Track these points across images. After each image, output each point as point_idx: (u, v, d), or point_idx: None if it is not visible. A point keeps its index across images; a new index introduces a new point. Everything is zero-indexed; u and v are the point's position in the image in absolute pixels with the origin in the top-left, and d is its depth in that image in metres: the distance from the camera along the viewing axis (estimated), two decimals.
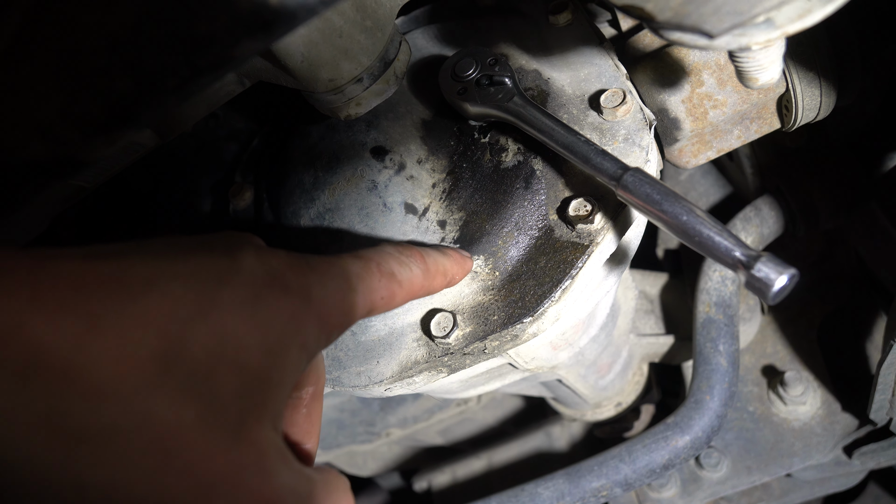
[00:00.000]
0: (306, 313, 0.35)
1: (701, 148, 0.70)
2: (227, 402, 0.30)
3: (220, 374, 0.30)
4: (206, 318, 0.30)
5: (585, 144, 0.53)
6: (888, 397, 0.80)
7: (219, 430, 0.29)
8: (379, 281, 0.42)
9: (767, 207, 0.90)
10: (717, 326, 0.86)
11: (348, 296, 0.39)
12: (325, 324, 0.37)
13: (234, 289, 0.32)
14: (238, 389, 0.30)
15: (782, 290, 0.43)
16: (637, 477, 0.83)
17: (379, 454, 1.27)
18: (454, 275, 0.51)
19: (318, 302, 0.36)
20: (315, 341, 0.36)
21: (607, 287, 0.64)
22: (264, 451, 0.31)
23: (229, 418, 0.30)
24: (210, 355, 0.30)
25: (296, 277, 0.36)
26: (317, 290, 0.37)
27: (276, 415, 0.33)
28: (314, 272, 0.37)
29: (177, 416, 0.28)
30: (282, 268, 0.36)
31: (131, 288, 0.29)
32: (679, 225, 0.47)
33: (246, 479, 0.30)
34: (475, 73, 0.60)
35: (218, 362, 0.30)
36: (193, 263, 0.32)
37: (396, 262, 0.44)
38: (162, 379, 0.28)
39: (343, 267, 0.40)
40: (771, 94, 0.66)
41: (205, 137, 0.91)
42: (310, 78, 0.53)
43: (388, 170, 0.62)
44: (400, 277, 0.43)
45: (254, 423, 0.31)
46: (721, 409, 0.83)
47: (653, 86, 0.66)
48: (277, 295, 0.34)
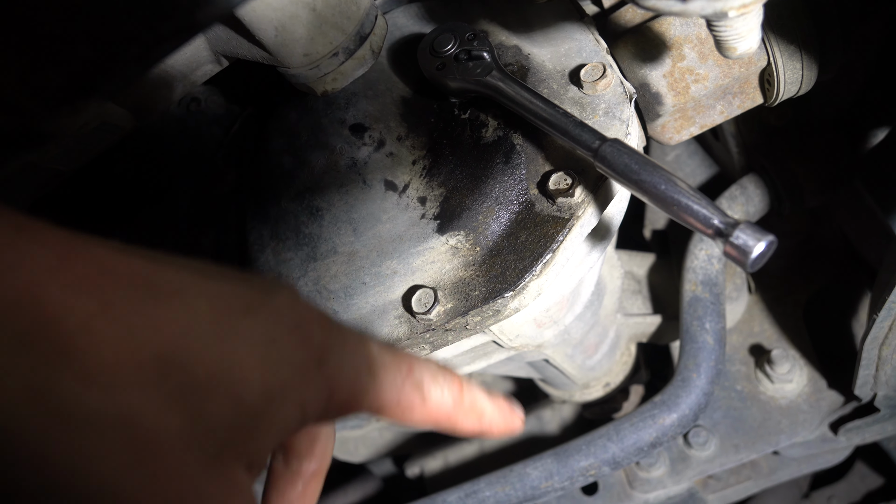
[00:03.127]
0: (315, 373, 0.34)
1: (684, 123, 0.69)
2: (213, 427, 0.29)
3: (215, 397, 0.30)
4: (219, 341, 0.30)
5: (564, 117, 0.52)
6: (872, 372, 0.80)
7: (196, 451, 0.29)
8: (402, 384, 0.39)
9: (753, 186, 0.89)
10: (703, 305, 0.86)
11: (363, 379, 0.37)
12: (328, 393, 0.35)
13: (256, 323, 0.32)
14: (227, 418, 0.30)
15: (761, 257, 0.43)
16: (625, 455, 0.83)
17: (370, 440, 1.27)
18: (493, 423, 0.45)
19: (332, 368, 0.35)
20: (314, 406, 0.35)
21: (590, 263, 0.63)
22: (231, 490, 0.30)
23: (210, 443, 0.29)
24: (211, 376, 0.29)
25: (320, 335, 0.34)
26: (335, 356, 0.35)
27: (255, 460, 0.32)
28: (341, 338, 0.36)
29: (161, 423, 0.28)
30: (310, 320, 0.34)
31: (156, 291, 0.29)
32: (658, 194, 0.47)
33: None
34: (454, 49, 0.59)
35: (216, 385, 0.30)
36: (226, 288, 0.32)
37: (430, 377, 0.41)
38: (156, 382, 0.28)
39: (372, 350, 0.38)
40: (753, 67, 0.66)
41: (187, 122, 0.90)
42: (285, 53, 0.53)
43: (367, 147, 0.61)
44: (426, 393, 0.40)
45: (230, 457, 0.30)
46: (708, 386, 0.83)
47: (634, 61, 0.65)
48: (295, 343, 0.33)
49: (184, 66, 0.61)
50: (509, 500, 0.85)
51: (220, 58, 0.62)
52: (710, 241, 0.90)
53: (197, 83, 0.64)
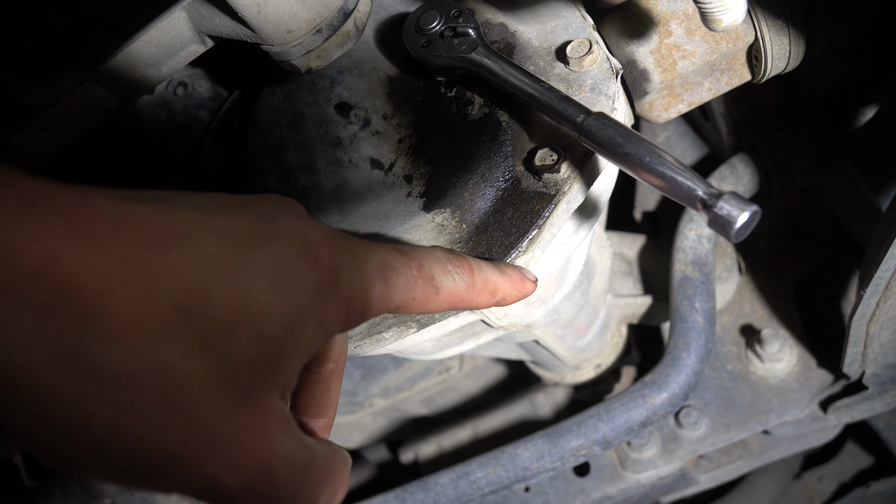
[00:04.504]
0: (330, 293, 0.35)
1: (671, 101, 0.69)
2: (240, 364, 0.30)
3: (238, 335, 0.30)
4: (233, 279, 0.31)
5: (549, 92, 0.52)
6: (860, 350, 0.81)
7: (227, 389, 0.30)
8: (416, 281, 0.41)
9: (742, 165, 0.90)
10: (693, 284, 0.86)
11: (377, 286, 0.38)
12: (346, 308, 0.36)
13: (266, 254, 0.33)
14: (252, 353, 0.31)
15: (745, 227, 0.43)
16: (616, 435, 0.84)
17: (363, 425, 1.27)
18: (505, 295, 0.48)
19: (345, 284, 0.36)
20: (334, 322, 0.36)
21: (578, 240, 0.63)
22: (267, 416, 0.32)
23: (239, 379, 0.30)
24: (230, 316, 0.30)
25: (329, 254, 0.36)
26: (346, 271, 0.36)
27: (286, 384, 0.34)
28: (349, 253, 0.37)
29: (189, 369, 0.29)
30: (317, 241, 0.36)
31: (165, 238, 0.29)
32: (643, 167, 0.47)
33: (245, 440, 0.30)
34: (439, 26, 0.59)
35: (237, 324, 0.30)
36: (232, 222, 0.33)
37: (440, 268, 0.43)
38: (180, 331, 0.29)
39: (380, 256, 0.39)
40: (740, 43, 0.65)
41: (174, 107, 0.89)
42: (267, 30, 0.52)
43: (352, 126, 0.61)
44: (439, 283, 0.42)
45: (262, 387, 0.32)
46: (698, 365, 0.84)
47: (621, 37, 0.65)
48: (306, 267, 0.34)
49: (168, 46, 0.60)
50: (501, 481, 0.86)
51: (205, 37, 0.61)
52: (699, 221, 0.90)
53: (182, 64, 0.64)
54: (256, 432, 0.31)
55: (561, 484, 0.99)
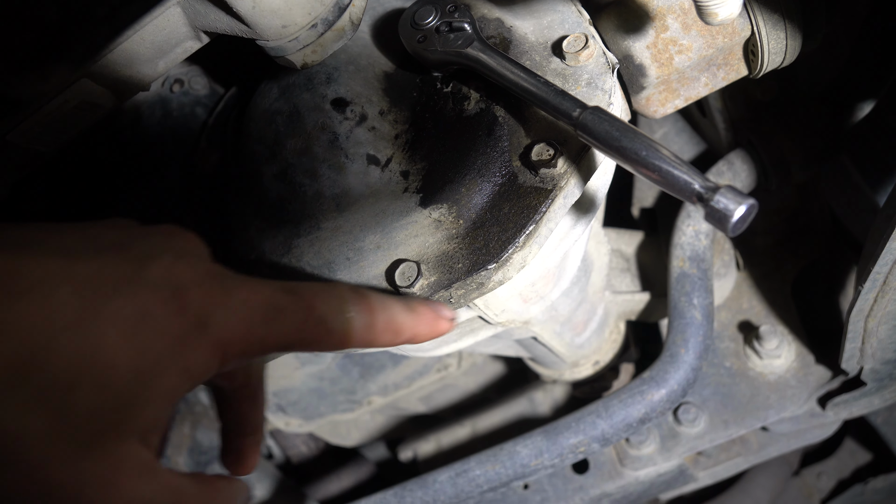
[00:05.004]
0: (197, 339, 0.34)
1: (668, 96, 0.69)
2: (82, 417, 0.30)
3: (80, 388, 0.30)
4: (82, 330, 0.30)
5: (545, 86, 0.52)
6: (858, 345, 0.81)
7: (67, 442, 0.30)
8: (304, 323, 0.39)
9: (740, 161, 0.89)
10: (691, 280, 0.86)
11: (258, 328, 0.37)
12: (220, 352, 0.36)
13: (126, 301, 0.32)
14: (95, 407, 0.31)
15: (741, 221, 0.43)
16: (614, 432, 0.84)
17: (362, 423, 1.27)
18: (414, 334, 0.46)
19: (218, 328, 0.35)
20: (203, 367, 0.35)
21: (575, 236, 0.63)
22: (118, 465, 0.31)
23: (82, 432, 0.30)
24: (73, 369, 0.30)
25: (199, 298, 0.35)
26: (219, 315, 0.36)
27: (147, 429, 0.33)
28: (225, 295, 0.36)
29: (23, 425, 0.28)
30: (188, 284, 0.35)
31: (12, 289, 0.29)
32: (639, 161, 0.47)
33: (89, 491, 0.30)
34: (435, 21, 0.59)
35: (79, 378, 0.30)
36: (93, 267, 0.32)
37: (335, 309, 0.41)
38: (13, 389, 0.28)
39: (265, 297, 0.38)
40: (736, 38, 0.65)
41: (170, 104, 0.89)
42: (263, 25, 0.52)
43: (348, 121, 0.61)
44: (332, 325, 0.41)
45: (111, 437, 0.31)
46: (696, 361, 0.84)
47: (617, 32, 0.65)
48: (170, 314, 0.33)
49: (163, 43, 0.60)
50: (499, 479, 0.86)
51: (200, 33, 0.61)
52: (697, 217, 0.90)
53: (178, 60, 0.63)
54: (103, 482, 0.31)
55: (560, 481, 0.99)
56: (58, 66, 0.34)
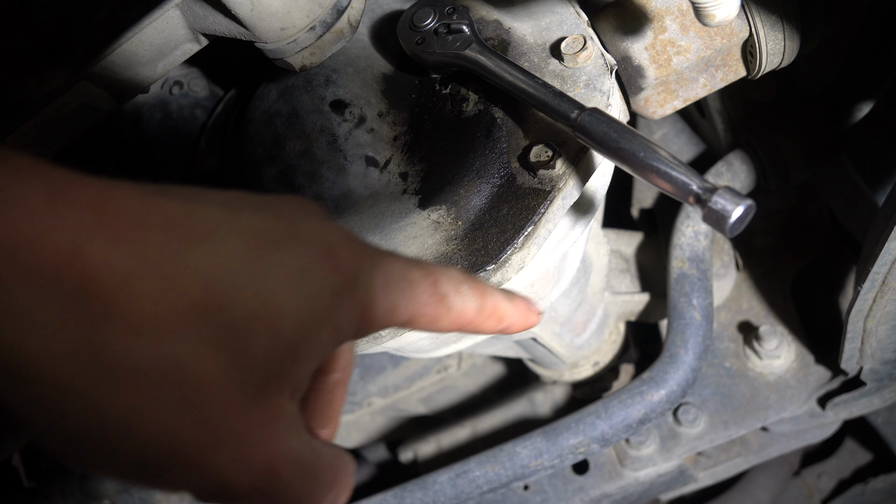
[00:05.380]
0: (347, 297, 0.35)
1: (667, 97, 0.69)
2: (255, 364, 0.31)
3: (254, 335, 0.31)
4: (253, 279, 0.31)
5: (543, 88, 0.52)
6: (858, 345, 0.81)
7: (240, 388, 0.30)
8: (429, 297, 0.41)
9: (739, 162, 0.90)
10: (690, 281, 0.86)
11: (393, 297, 0.38)
12: (361, 314, 0.37)
13: (287, 255, 0.33)
14: (267, 354, 0.31)
15: (739, 222, 0.43)
16: (614, 432, 0.84)
17: (362, 425, 1.27)
18: (511, 323, 0.48)
19: (363, 290, 0.36)
20: (347, 327, 0.36)
21: (574, 237, 0.63)
22: (277, 417, 0.32)
23: (253, 379, 0.31)
24: (248, 315, 0.31)
25: (349, 258, 0.36)
26: (365, 277, 0.37)
27: (297, 386, 0.34)
28: (369, 259, 0.37)
29: (205, 367, 0.29)
30: (339, 244, 0.36)
31: (189, 235, 0.30)
32: (637, 162, 0.47)
33: (254, 439, 0.31)
34: (433, 23, 0.59)
35: (254, 324, 0.31)
36: (255, 222, 0.33)
37: (454, 288, 0.43)
38: (198, 328, 0.29)
39: (400, 267, 0.39)
40: (735, 39, 0.65)
41: (169, 106, 0.89)
42: (261, 27, 0.52)
43: (347, 123, 0.61)
44: (451, 303, 0.42)
45: (274, 388, 0.32)
46: (695, 362, 0.84)
47: (615, 34, 0.65)
48: (326, 270, 0.34)
49: (162, 45, 0.60)
50: (499, 480, 0.86)
51: (199, 36, 0.61)
52: (696, 218, 0.90)
53: (177, 63, 0.64)
54: (266, 432, 0.31)
55: (560, 482, 0.99)
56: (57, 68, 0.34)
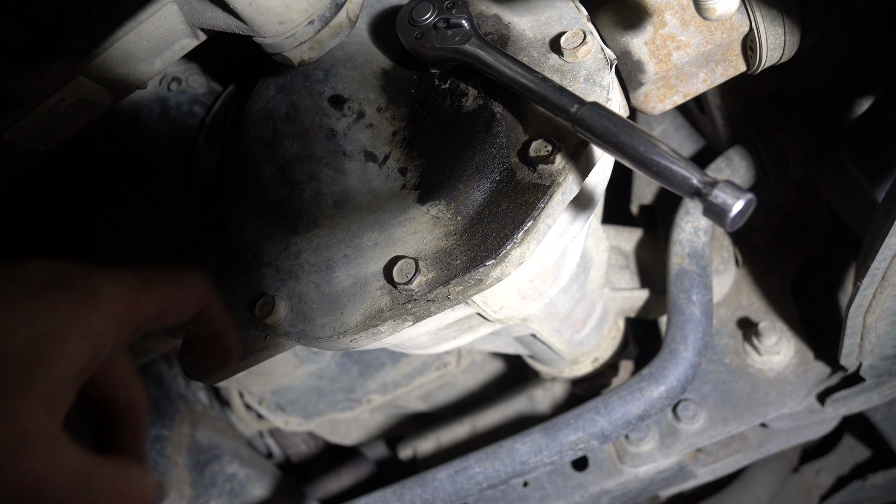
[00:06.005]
0: (91, 306, 0.37)
1: (667, 92, 0.69)
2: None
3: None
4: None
5: (543, 82, 0.52)
6: (857, 341, 0.81)
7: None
8: (168, 287, 0.43)
9: (738, 157, 0.89)
10: (690, 277, 0.86)
11: (139, 298, 0.41)
12: (114, 318, 0.38)
13: (12, 289, 0.35)
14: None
15: (740, 216, 0.43)
16: (613, 428, 0.84)
17: (361, 422, 1.27)
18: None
19: (107, 297, 0.38)
20: (102, 332, 0.37)
21: (574, 232, 0.63)
22: (25, 431, 0.32)
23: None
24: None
25: (83, 280, 0.38)
26: (107, 289, 0.39)
27: (52, 397, 0.34)
28: (104, 276, 0.40)
29: None
30: (69, 272, 0.38)
31: None
32: (637, 156, 0.46)
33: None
34: (432, 17, 0.59)
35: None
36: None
37: (182, 276, 0.45)
38: None
39: (133, 274, 0.42)
40: (735, 33, 0.65)
41: (168, 102, 0.89)
42: (260, 22, 0.52)
43: (346, 118, 0.61)
44: (186, 287, 0.45)
45: (16, 403, 0.32)
46: (695, 358, 0.83)
47: (615, 29, 0.65)
48: (58, 292, 0.36)
49: (159, 40, 0.60)
50: (499, 476, 0.86)
51: (197, 31, 0.61)
52: (696, 213, 0.90)
53: (175, 58, 0.63)
54: (11, 448, 0.31)
55: (559, 478, 0.99)
56: (54, 63, 0.34)
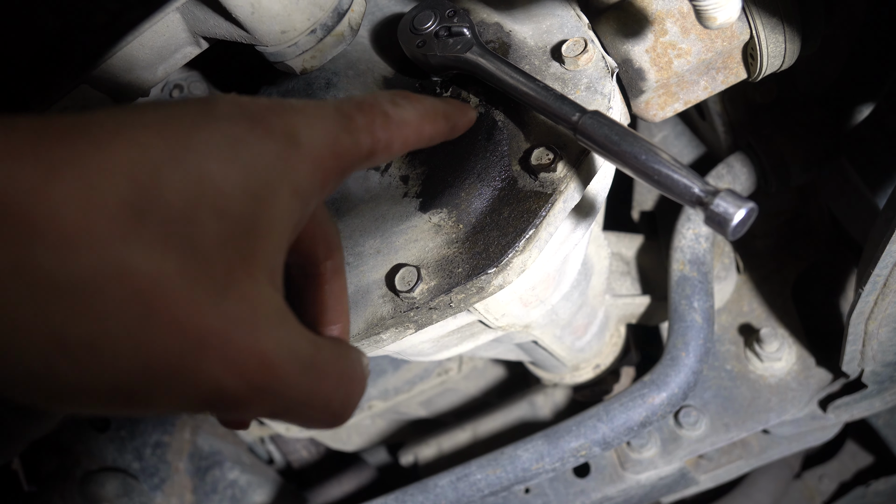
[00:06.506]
0: (295, 155, 0.32)
1: (668, 100, 0.69)
2: (211, 252, 0.27)
3: (201, 221, 0.27)
4: (181, 163, 0.28)
5: (544, 91, 0.52)
6: (859, 348, 0.81)
7: (204, 282, 0.27)
8: (374, 121, 0.38)
9: (739, 164, 0.89)
10: (691, 284, 0.86)
11: (342, 137, 0.35)
12: (319, 167, 0.34)
13: (211, 132, 0.30)
14: (221, 238, 0.28)
15: (741, 224, 0.43)
16: (615, 435, 0.84)
17: (363, 428, 1.27)
18: (456, 119, 0.47)
19: (308, 144, 0.33)
20: (310, 186, 0.33)
21: (575, 240, 0.63)
22: (257, 307, 0.29)
23: (215, 269, 0.27)
24: (188, 201, 0.27)
25: (280, 119, 0.33)
26: (305, 132, 0.34)
27: (272, 268, 0.30)
28: (300, 114, 0.34)
29: (157, 267, 0.26)
30: (262, 111, 0.33)
31: (96, 137, 0.26)
32: (639, 165, 0.47)
33: (237, 335, 0.27)
34: (434, 26, 0.59)
35: (197, 208, 0.27)
36: (163, 112, 0.30)
37: (390, 104, 0.40)
38: (136, 227, 0.26)
39: (333, 108, 0.37)
40: (735, 41, 0.65)
41: None
42: (262, 30, 0.52)
43: None
44: (396, 118, 0.40)
45: (243, 275, 0.28)
46: (697, 364, 0.83)
47: (616, 36, 0.65)
48: (259, 136, 0.31)
49: (162, 48, 0.60)
50: (500, 483, 0.86)
51: (199, 39, 0.61)
52: (697, 220, 0.90)
53: (177, 66, 0.63)
54: (248, 325, 0.28)
55: (561, 485, 0.99)
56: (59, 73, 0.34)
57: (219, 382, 0.27)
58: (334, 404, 0.33)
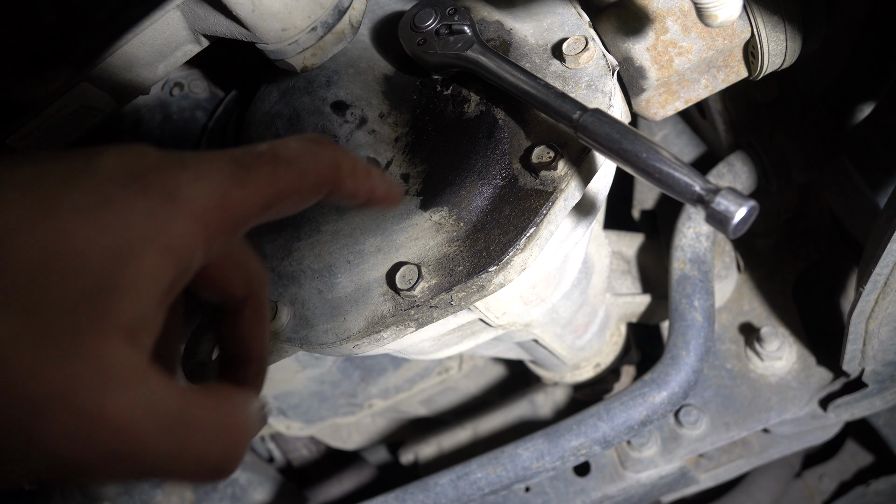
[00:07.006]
0: (171, 213, 0.31)
1: (668, 98, 0.69)
2: (59, 313, 0.27)
3: (51, 283, 0.27)
4: (37, 225, 0.28)
5: (545, 88, 0.52)
6: (859, 347, 0.80)
7: (48, 343, 0.27)
8: (275, 171, 0.36)
9: (740, 163, 0.89)
10: (692, 282, 0.86)
11: (233, 191, 0.34)
12: (199, 223, 0.32)
13: (82, 192, 0.29)
14: (71, 298, 0.28)
15: (742, 223, 0.43)
16: (616, 434, 0.83)
17: (363, 426, 1.27)
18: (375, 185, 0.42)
19: (189, 200, 0.32)
20: (186, 243, 0.32)
21: (576, 238, 0.63)
22: (107, 367, 0.28)
23: (61, 330, 0.27)
24: (38, 264, 0.27)
25: (162, 177, 0.32)
26: (188, 187, 0.32)
27: (132, 327, 0.29)
28: (188, 170, 0.33)
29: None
30: (146, 168, 0.32)
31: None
32: (640, 163, 0.47)
33: (80, 397, 0.27)
34: (434, 24, 0.59)
35: (48, 271, 0.27)
36: (38, 170, 0.29)
37: (300, 150, 0.38)
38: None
39: (229, 160, 0.35)
40: (736, 40, 0.65)
41: (170, 107, 0.89)
42: (262, 28, 0.52)
43: (348, 124, 0.61)
44: (303, 166, 0.37)
45: (92, 335, 0.28)
46: (697, 363, 0.83)
47: (617, 35, 0.65)
48: (133, 194, 0.30)
49: (162, 46, 0.60)
50: (501, 481, 0.86)
51: (200, 37, 0.61)
52: (698, 219, 0.90)
53: (177, 64, 0.63)
54: (94, 387, 0.27)
55: (561, 484, 0.99)
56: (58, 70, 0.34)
57: (60, 448, 0.26)
58: (212, 458, 0.31)
